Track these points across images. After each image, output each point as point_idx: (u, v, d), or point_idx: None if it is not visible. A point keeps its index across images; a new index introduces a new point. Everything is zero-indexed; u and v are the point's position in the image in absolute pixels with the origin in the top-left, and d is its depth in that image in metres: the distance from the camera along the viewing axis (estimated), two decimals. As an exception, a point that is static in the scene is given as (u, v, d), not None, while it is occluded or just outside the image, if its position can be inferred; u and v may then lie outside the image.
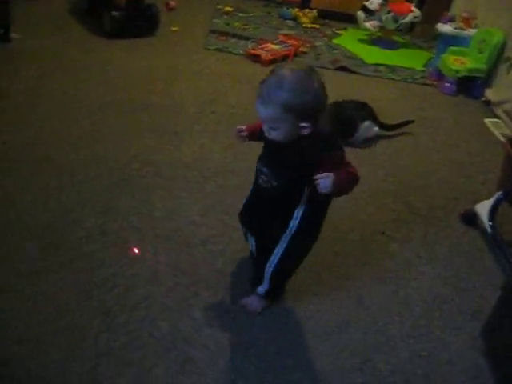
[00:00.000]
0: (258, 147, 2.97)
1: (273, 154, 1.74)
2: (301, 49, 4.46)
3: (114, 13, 3.97)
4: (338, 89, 3.87)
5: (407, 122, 3.41)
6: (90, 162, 2.62)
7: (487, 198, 2.55)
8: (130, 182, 2.52)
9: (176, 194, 2.49)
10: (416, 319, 2.04)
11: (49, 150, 2.66)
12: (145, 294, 1.95)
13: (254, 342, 1.84)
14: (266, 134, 1.65)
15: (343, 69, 4.29)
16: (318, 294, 2.08)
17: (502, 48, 4.04)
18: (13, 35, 3.76)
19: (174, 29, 4.49)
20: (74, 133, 2.84)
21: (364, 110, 3.21)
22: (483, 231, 2.54)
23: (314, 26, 5.25)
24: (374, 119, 3.23)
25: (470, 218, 2.62)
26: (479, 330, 2.00)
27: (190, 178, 2.62)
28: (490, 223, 2.45)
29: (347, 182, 1.60)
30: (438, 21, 4.66)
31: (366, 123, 3.16)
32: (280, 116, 1.56)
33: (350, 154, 2.96)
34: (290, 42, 4.48)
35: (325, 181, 1.54)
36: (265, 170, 1.76)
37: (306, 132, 1.59)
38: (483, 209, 2.54)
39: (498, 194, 2.48)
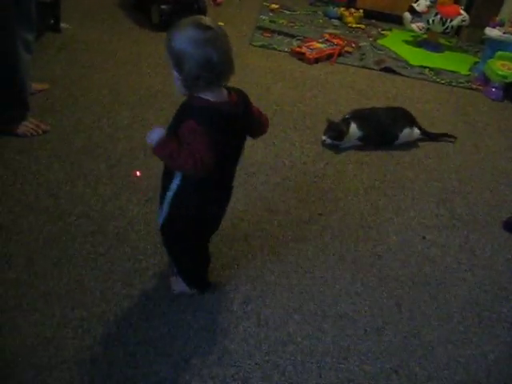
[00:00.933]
0: (299, 146, 2.98)
1: None
2: (346, 48, 4.44)
3: (163, 6, 4.02)
4: (382, 90, 3.87)
5: (449, 136, 3.38)
6: (130, 152, 2.66)
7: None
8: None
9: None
10: (454, 325, 2.03)
11: (89, 140, 2.69)
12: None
13: (291, 339, 1.85)
14: None
15: (388, 70, 4.26)
16: (358, 294, 2.09)
17: (552, 55, 3.97)
18: (63, 25, 3.82)
19: (220, 23, 4.47)
20: (116, 123, 2.87)
21: (403, 119, 3.20)
22: (526, 240, 2.52)
23: (359, 25, 5.21)
24: (414, 124, 3.21)
25: (513, 227, 2.59)
26: (519, 340, 1.99)
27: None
28: (534, 232, 2.42)
29: (170, 154, 1.52)
30: (486, 25, 4.59)
31: (406, 130, 3.15)
32: (166, 56, 1.56)
33: (394, 160, 2.98)
34: (335, 41, 4.46)
35: (153, 132, 1.52)
36: None
37: (179, 82, 1.57)
38: (527, 218, 2.52)
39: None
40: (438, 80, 4.29)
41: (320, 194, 2.62)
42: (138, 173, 2.24)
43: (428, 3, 4.71)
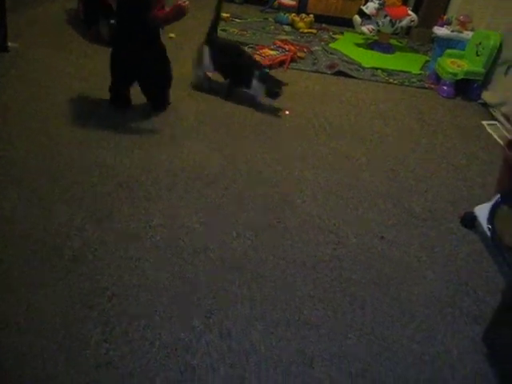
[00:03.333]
0: (254, 154, 2.96)
1: None
2: (298, 54, 4.46)
3: (112, 21, 3.97)
4: (336, 93, 3.90)
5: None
6: (86, 170, 2.62)
7: (486, 201, 2.55)
8: (129, 190, 2.51)
9: (175, 202, 2.48)
10: (418, 324, 2.04)
11: (43, 162, 2.65)
12: (145, 303, 1.94)
13: (255, 350, 1.83)
14: None
15: (341, 73, 4.30)
16: (321, 299, 2.08)
17: (499, 51, 4.05)
18: (10, 44, 3.76)
19: (171, 35, 4.50)
20: (69, 142, 2.83)
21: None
22: (483, 234, 2.54)
23: (310, 30, 5.25)
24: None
25: (470, 221, 2.62)
26: (481, 335, 2.00)
27: (189, 185, 2.61)
28: (489, 226, 2.44)
29: None
30: (435, 24, 4.68)
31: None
32: None
33: (349, 162, 3.00)
34: (286, 47, 4.48)
35: None
36: None
37: None
38: (482, 212, 2.54)
39: (497, 196, 2.48)
40: (390, 81, 4.35)
41: (278, 200, 2.61)
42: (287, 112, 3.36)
43: (377, 6, 4.78)
